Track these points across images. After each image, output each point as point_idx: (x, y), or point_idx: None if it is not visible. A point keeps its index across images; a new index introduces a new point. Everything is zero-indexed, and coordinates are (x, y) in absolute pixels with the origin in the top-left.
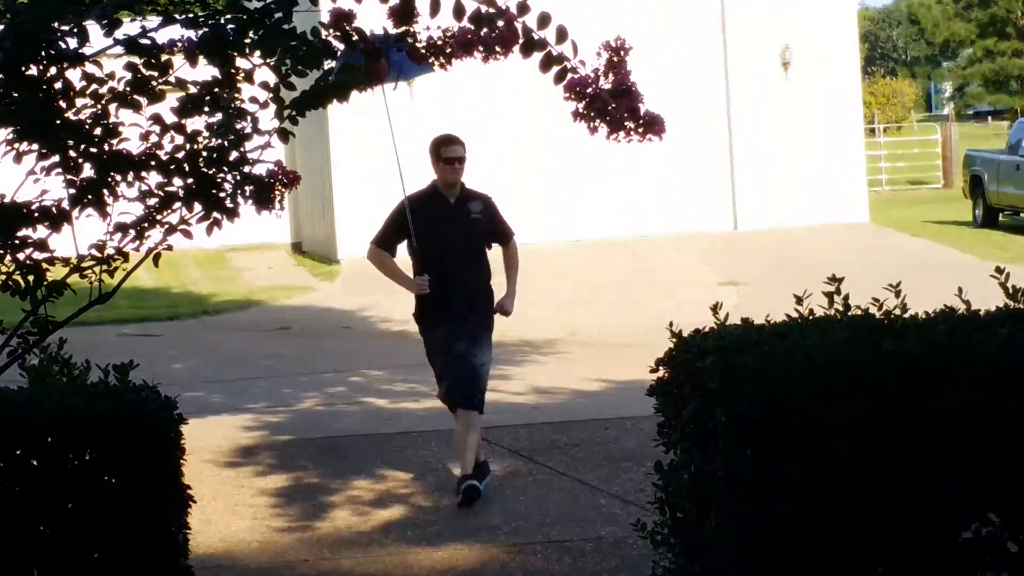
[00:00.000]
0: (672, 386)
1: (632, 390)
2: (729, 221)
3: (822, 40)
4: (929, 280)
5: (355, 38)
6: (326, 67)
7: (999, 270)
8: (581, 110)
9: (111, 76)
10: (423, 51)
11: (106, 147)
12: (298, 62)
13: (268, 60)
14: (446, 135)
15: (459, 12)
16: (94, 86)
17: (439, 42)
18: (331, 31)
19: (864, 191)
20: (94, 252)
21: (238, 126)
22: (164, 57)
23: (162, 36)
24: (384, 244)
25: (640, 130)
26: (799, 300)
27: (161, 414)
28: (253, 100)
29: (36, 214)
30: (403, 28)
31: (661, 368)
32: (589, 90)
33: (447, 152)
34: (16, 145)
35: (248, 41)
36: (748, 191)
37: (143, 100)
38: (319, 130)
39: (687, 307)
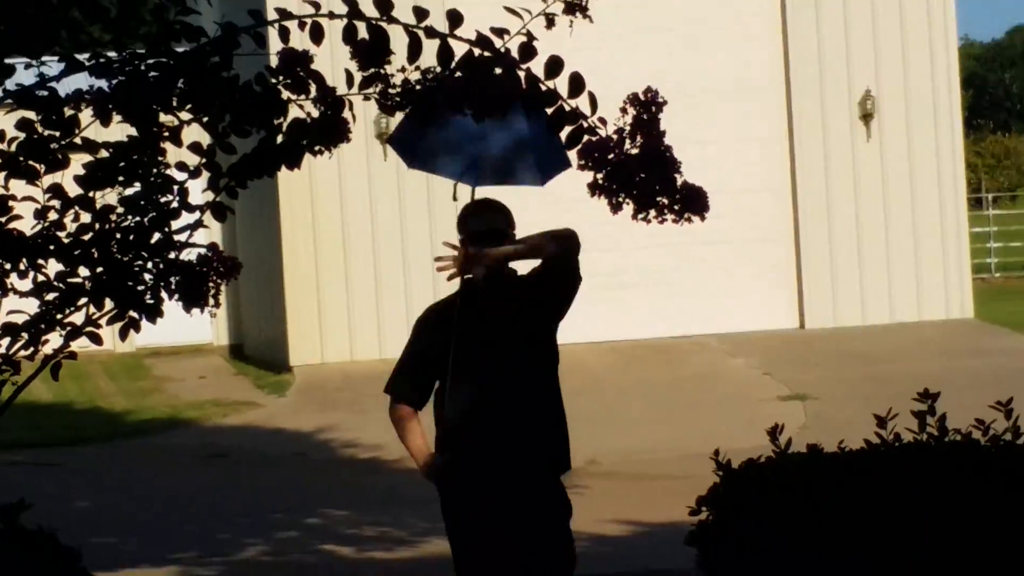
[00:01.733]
0: (717, 531)
1: (667, 535)
2: (794, 318)
3: (914, 85)
4: None
5: (311, 86)
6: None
7: None
8: (601, 181)
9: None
10: (397, 100)
11: None
12: (239, 118)
13: (200, 116)
14: (475, 200)
15: (446, 56)
16: None
17: (418, 87)
18: (281, 78)
19: (968, 279)
20: None
21: (162, 200)
22: (68, 112)
23: (65, 86)
24: (405, 393)
25: (676, 207)
26: (882, 421)
27: (59, 568)
28: (181, 167)
29: None
30: (372, 71)
31: (703, 509)
32: (611, 156)
33: (474, 223)
34: None
35: (175, 92)
36: (818, 280)
37: (40, 167)
38: (267, 204)
39: (739, 428)
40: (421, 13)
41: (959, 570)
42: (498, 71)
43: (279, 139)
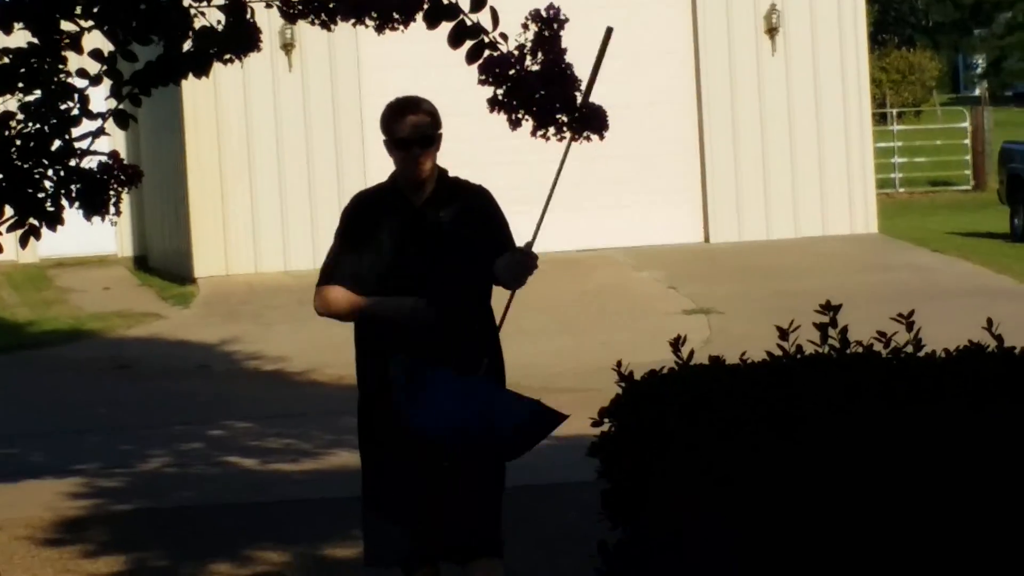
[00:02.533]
0: (619, 442)
1: (571, 448)
2: (699, 232)
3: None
4: (952, 308)
5: None
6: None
7: None
8: (501, 97)
9: None
10: (299, 8)
11: None
12: (141, 26)
13: (102, 23)
14: (399, 100)
15: None
16: None
17: None
18: None
19: (872, 194)
20: None
21: (62, 107)
22: None
23: None
24: (334, 280)
25: (576, 126)
26: (784, 333)
27: None
28: (82, 74)
29: None
30: None
31: (606, 420)
32: (512, 72)
33: (399, 129)
34: None
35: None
36: (723, 194)
37: None
38: (171, 113)
39: (644, 341)
40: None
41: (852, 467)
42: None
43: (186, 47)
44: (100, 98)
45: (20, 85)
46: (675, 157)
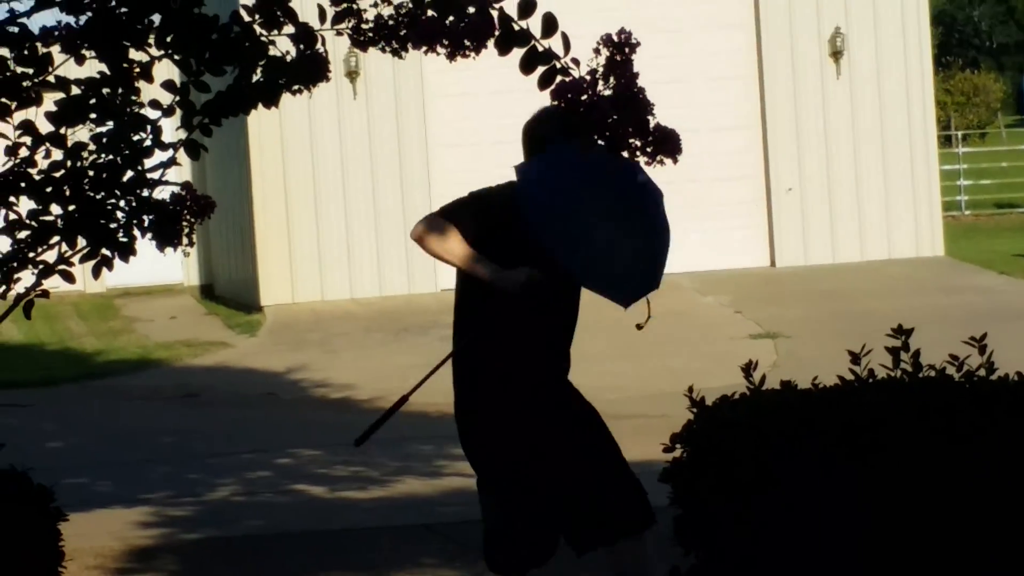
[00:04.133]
0: (693, 468)
1: (642, 474)
2: (764, 255)
3: (883, 22)
4: (1022, 330)
5: (284, 23)
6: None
7: None
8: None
9: None
10: (369, 35)
11: None
12: (214, 56)
13: (173, 53)
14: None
15: None
16: None
17: (391, 22)
18: (256, 17)
19: (938, 217)
20: None
21: (134, 138)
22: (40, 49)
23: (37, 22)
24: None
25: (649, 149)
26: (856, 357)
27: (31, 509)
28: (154, 104)
29: None
30: (344, 6)
31: (678, 446)
32: (584, 97)
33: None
34: None
35: (147, 28)
36: (789, 218)
37: (11, 104)
38: (237, 144)
39: (711, 366)
40: None
41: (933, 500)
42: (471, 9)
43: (255, 77)
44: (172, 129)
45: (92, 116)
46: (741, 181)
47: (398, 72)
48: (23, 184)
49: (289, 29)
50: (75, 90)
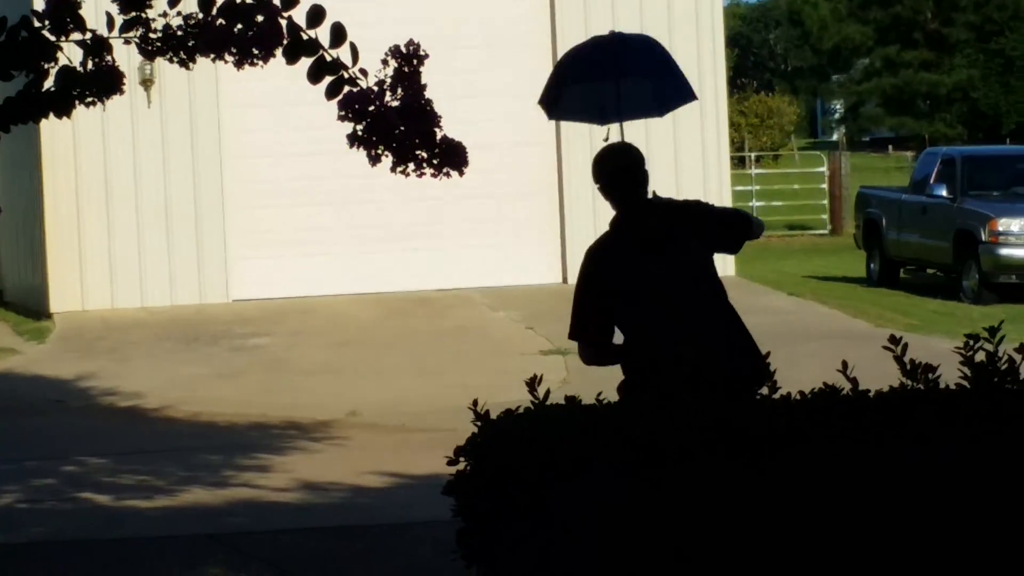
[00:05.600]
0: (475, 482)
1: (426, 487)
2: (557, 273)
3: (679, 43)
4: (808, 351)
5: (72, 28)
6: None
7: (894, 340)
8: (360, 133)
9: None
10: (158, 45)
11: None
12: (3, 62)
13: None
14: (607, 147)
15: (207, 2)
16: None
17: (180, 32)
18: (47, 23)
19: None
20: None
21: None
22: None
23: None
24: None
25: (435, 161)
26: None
27: None
28: None
29: None
30: (133, 14)
31: (462, 459)
32: (371, 108)
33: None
34: None
35: None
36: (582, 235)
37: None
38: (27, 146)
39: (501, 382)
40: None
41: (712, 516)
42: (260, 18)
43: (47, 85)
44: None
45: None
46: (534, 197)
47: (193, 81)
48: None
49: (77, 36)
50: None
